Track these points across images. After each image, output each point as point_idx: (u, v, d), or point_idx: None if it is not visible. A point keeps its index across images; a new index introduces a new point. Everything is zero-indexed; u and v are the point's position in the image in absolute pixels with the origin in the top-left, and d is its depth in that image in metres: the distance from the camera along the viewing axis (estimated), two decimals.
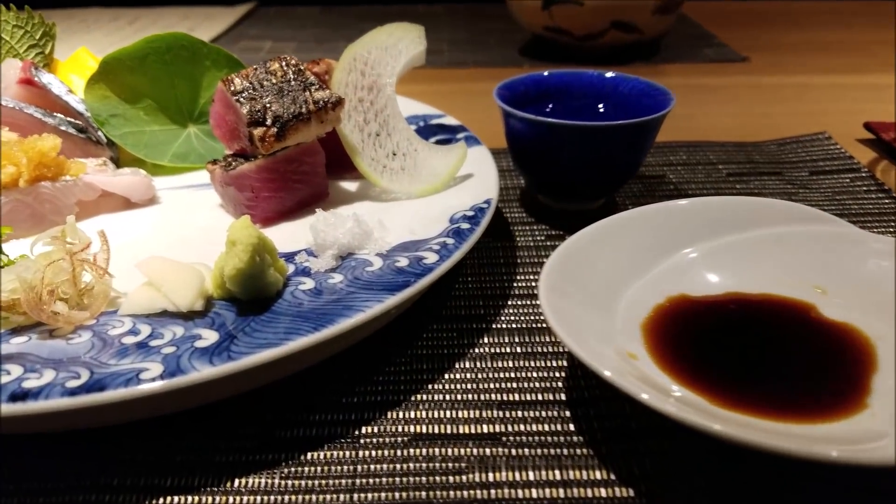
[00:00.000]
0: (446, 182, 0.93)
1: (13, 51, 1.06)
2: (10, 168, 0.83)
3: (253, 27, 2.35)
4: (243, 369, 0.60)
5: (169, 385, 0.58)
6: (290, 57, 0.91)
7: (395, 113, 0.95)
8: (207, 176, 1.02)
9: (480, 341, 0.79)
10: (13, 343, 0.64)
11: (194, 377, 0.59)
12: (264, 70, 0.89)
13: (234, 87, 0.87)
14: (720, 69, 1.79)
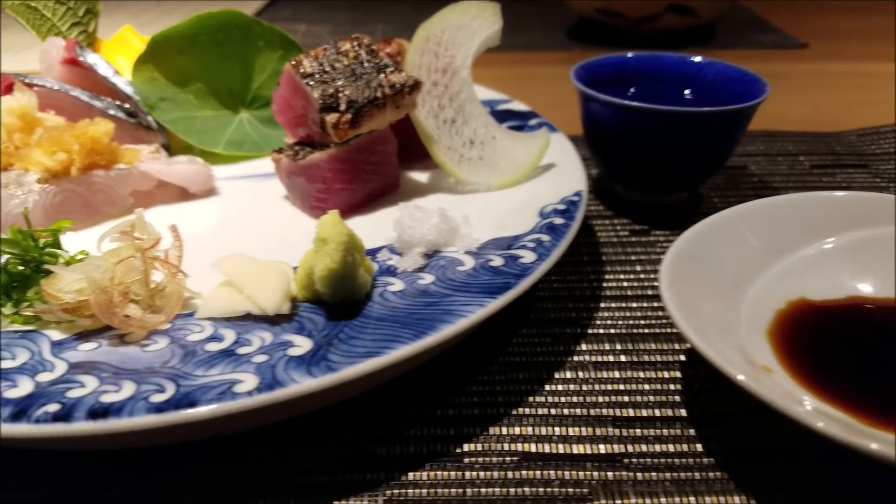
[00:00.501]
0: (528, 172, 0.86)
1: (55, 28, 0.99)
2: (61, 155, 0.77)
3: (285, 9, 2.28)
4: (346, 381, 0.54)
5: (269, 399, 0.51)
6: (362, 36, 0.84)
7: (471, 98, 0.88)
8: (264, 165, 0.96)
9: (578, 348, 0.72)
10: (81, 350, 0.58)
11: (295, 390, 0.52)
12: (335, 51, 0.82)
13: (304, 70, 0.80)
14: (779, 55, 1.71)
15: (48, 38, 0.95)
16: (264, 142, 1.00)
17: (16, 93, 0.81)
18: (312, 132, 0.83)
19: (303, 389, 0.52)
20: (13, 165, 0.79)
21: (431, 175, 0.91)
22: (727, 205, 0.97)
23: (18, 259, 0.61)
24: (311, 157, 0.79)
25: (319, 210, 0.81)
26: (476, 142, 0.86)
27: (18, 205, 0.73)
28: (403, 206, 0.73)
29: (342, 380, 0.54)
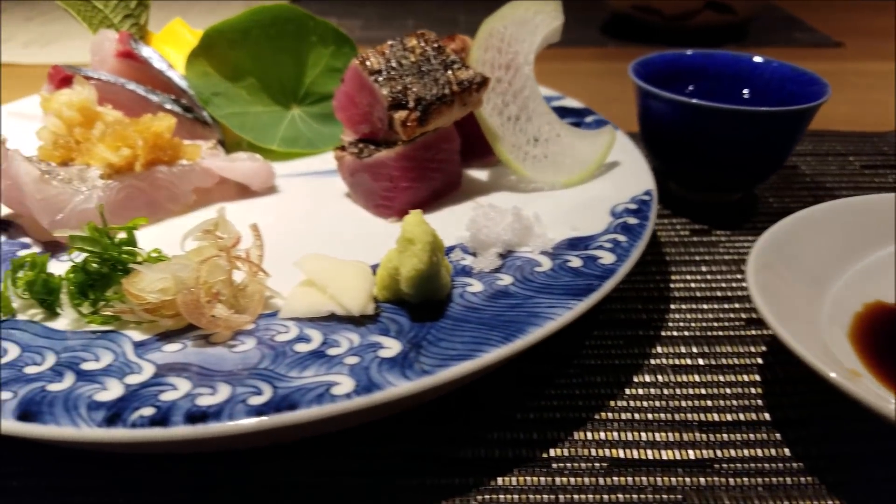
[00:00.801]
0: (594, 171, 0.85)
1: (107, 21, 0.98)
2: (125, 150, 0.76)
3: (314, 5, 2.25)
4: (441, 384, 0.53)
5: (368, 401, 0.51)
6: (428, 33, 0.82)
7: (534, 94, 0.86)
8: (320, 162, 0.95)
9: (653, 351, 0.71)
10: (167, 351, 0.57)
11: (392, 392, 0.51)
12: (401, 47, 0.81)
13: (371, 66, 0.79)
14: (814, 54, 1.69)
15: (100, 31, 0.94)
16: (318, 139, 0.99)
17: (75, 86, 0.80)
18: (376, 129, 0.82)
19: (400, 392, 0.52)
20: (74, 160, 0.77)
21: (491, 173, 0.90)
22: (783, 205, 0.97)
23: (97, 258, 0.60)
24: (378, 156, 0.78)
25: (384, 209, 0.80)
26: (540, 139, 0.85)
27: (83, 201, 0.72)
28: (477, 206, 0.72)
29: (437, 383, 0.53)
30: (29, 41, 1.78)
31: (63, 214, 0.71)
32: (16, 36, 1.82)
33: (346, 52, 1.03)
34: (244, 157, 0.84)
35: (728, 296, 0.80)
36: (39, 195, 0.70)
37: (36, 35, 1.83)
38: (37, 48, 1.74)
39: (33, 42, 1.78)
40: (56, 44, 1.77)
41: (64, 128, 0.77)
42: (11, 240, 0.74)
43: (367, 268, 0.63)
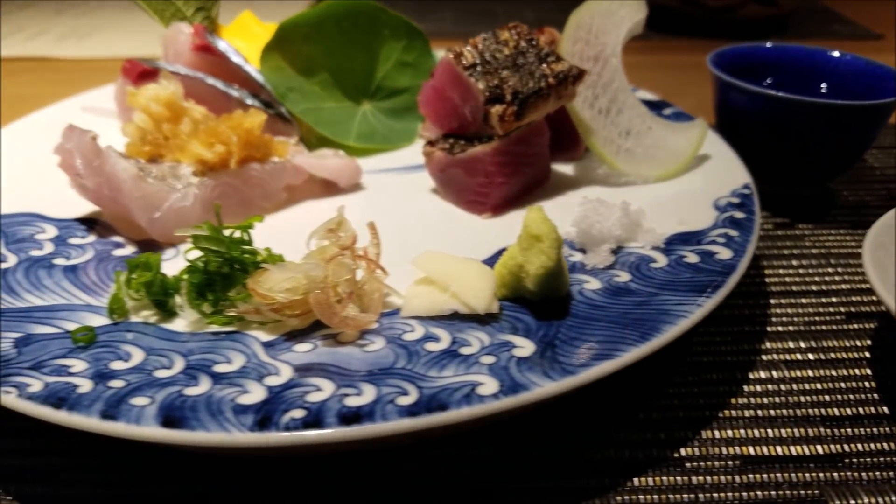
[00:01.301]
0: (687, 164, 0.84)
1: (179, 13, 0.97)
2: (219, 147, 0.74)
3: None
4: (584, 383, 0.52)
5: (515, 402, 0.50)
6: (520, 25, 0.81)
7: (623, 87, 0.85)
8: (399, 158, 0.94)
9: (761, 346, 0.70)
10: (299, 352, 0.56)
11: (539, 393, 0.50)
12: (494, 40, 0.80)
13: (466, 61, 0.78)
14: (856, 47, 1.68)
15: (173, 24, 0.93)
16: (392, 134, 0.98)
17: (161, 80, 0.79)
18: (465, 124, 0.80)
19: (546, 392, 0.51)
20: (163, 156, 0.76)
21: (577, 167, 0.89)
22: (858, 198, 0.96)
23: (219, 258, 0.59)
24: (473, 151, 0.77)
25: (477, 204, 0.79)
26: (632, 132, 0.84)
27: (180, 198, 0.71)
28: (585, 201, 0.71)
29: (581, 382, 0.52)
30: (63, 35, 1.76)
31: (160, 213, 0.70)
32: (49, 30, 1.80)
33: (417, 45, 1.02)
34: (330, 154, 0.83)
35: (824, 290, 0.79)
36: (138, 193, 0.68)
37: (69, 28, 1.81)
38: (73, 41, 1.72)
39: (68, 35, 1.76)
40: (93, 37, 1.75)
41: (152, 123, 0.76)
42: (102, 239, 0.73)
43: (486, 266, 0.62)
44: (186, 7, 0.96)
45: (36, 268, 0.67)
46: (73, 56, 1.62)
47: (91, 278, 0.66)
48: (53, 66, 1.59)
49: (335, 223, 0.60)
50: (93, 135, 0.72)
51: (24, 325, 0.58)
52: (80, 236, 0.73)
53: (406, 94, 1.02)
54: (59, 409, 0.49)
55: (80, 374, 0.52)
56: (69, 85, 1.42)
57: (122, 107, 0.88)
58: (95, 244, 0.72)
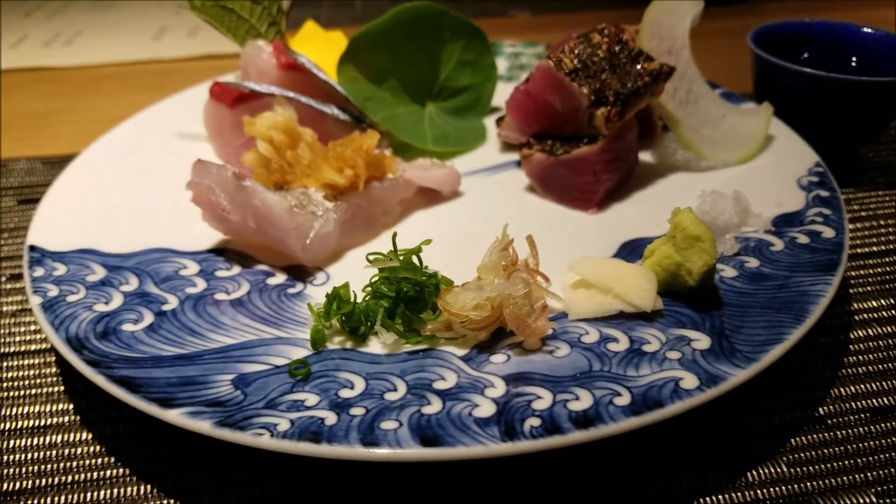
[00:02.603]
0: (761, 145, 0.91)
1: (253, 30, 0.98)
2: (349, 171, 0.78)
3: None
4: (767, 366, 0.59)
5: (718, 391, 0.57)
6: (608, 27, 0.86)
7: (695, 76, 0.92)
8: (476, 160, 0.97)
9: (852, 307, 0.78)
10: (497, 363, 0.62)
11: (735, 381, 0.58)
12: (588, 44, 0.84)
13: (566, 67, 0.83)
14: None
15: (250, 42, 0.94)
16: (463, 135, 1.02)
17: (276, 108, 0.81)
18: (559, 125, 0.86)
19: (740, 380, 0.58)
20: (289, 183, 0.79)
21: (655, 154, 0.95)
22: (884, 160, 1.05)
23: (413, 284, 0.63)
24: (579, 152, 0.82)
25: (582, 202, 0.85)
26: (710, 120, 0.90)
27: (324, 224, 0.75)
28: (703, 193, 0.78)
29: (764, 366, 0.59)
30: (47, 41, 1.70)
31: (310, 240, 0.74)
32: (29, 35, 1.73)
33: (476, 44, 1.06)
34: (429, 164, 0.87)
35: (885, 249, 0.87)
36: (293, 224, 0.72)
37: (51, 34, 1.75)
38: (59, 47, 1.66)
39: (52, 41, 1.70)
40: (78, 41, 1.69)
41: (274, 151, 0.79)
42: (247, 269, 0.76)
43: (642, 267, 0.68)
44: (260, 24, 0.97)
45: (203, 305, 0.70)
46: (67, 64, 1.57)
47: (264, 311, 0.69)
48: (49, 76, 1.54)
49: (506, 243, 0.65)
50: (233, 170, 0.74)
51: (231, 364, 0.62)
52: (225, 268, 0.76)
53: (466, 92, 1.06)
54: (319, 444, 0.53)
55: (317, 406, 0.57)
56: (74, 98, 1.40)
57: (214, 130, 0.89)
58: (245, 275, 0.75)
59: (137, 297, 0.71)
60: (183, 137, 0.98)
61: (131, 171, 0.92)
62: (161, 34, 1.72)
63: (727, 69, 1.34)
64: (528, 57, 1.24)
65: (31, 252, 0.76)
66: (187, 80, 1.46)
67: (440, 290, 0.66)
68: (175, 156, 0.94)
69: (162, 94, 1.38)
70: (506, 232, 0.67)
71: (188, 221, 0.79)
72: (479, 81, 1.07)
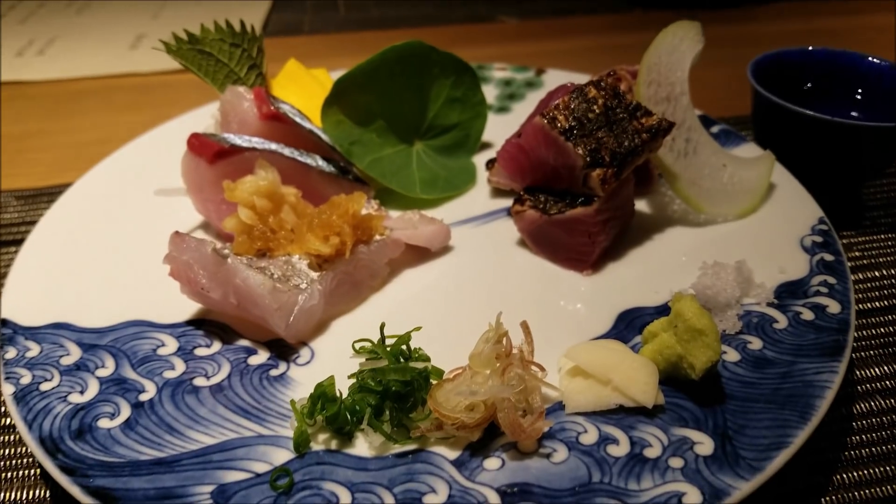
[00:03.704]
0: (762, 197, 0.88)
1: (233, 75, 0.93)
2: (334, 238, 0.74)
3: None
4: (769, 477, 0.57)
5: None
6: (605, 79, 0.82)
7: (695, 125, 0.88)
8: (467, 207, 0.94)
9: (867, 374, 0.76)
10: (491, 469, 0.59)
11: (739, 495, 0.55)
12: (583, 99, 0.80)
13: (561, 125, 0.79)
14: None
15: (230, 87, 0.89)
16: (453, 177, 0.98)
17: (258, 170, 0.77)
18: (548, 179, 0.82)
19: (744, 493, 0.55)
20: (272, 250, 0.76)
21: (651, 203, 0.92)
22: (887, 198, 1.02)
23: (401, 383, 0.60)
24: (574, 213, 0.79)
25: (577, 262, 0.82)
26: (709, 171, 0.87)
27: (308, 298, 0.71)
28: (704, 266, 0.75)
29: (767, 476, 0.57)
30: (20, 49, 1.63)
31: (293, 317, 0.70)
32: (3, 42, 1.67)
33: (465, 80, 1.01)
34: (417, 219, 0.84)
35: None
36: (276, 305, 0.68)
37: (23, 41, 1.68)
38: (33, 56, 1.59)
39: (25, 49, 1.63)
40: (51, 52, 1.62)
41: (257, 218, 0.75)
42: (228, 345, 0.73)
43: (642, 357, 0.65)
44: (240, 67, 0.92)
45: (181, 394, 0.67)
46: (42, 78, 1.50)
47: (245, 399, 0.66)
48: (23, 92, 1.47)
49: (500, 335, 0.62)
50: (213, 246, 0.70)
51: (210, 472, 0.59)
52: (204, 345, 0.73)
53: (456, 130, 1.03)
54: None
55: None
56: (50, 118, 1.35)
57: (193, 186, 0.85)
58: (225, 353, 0.72)
59: (114, 384, 0.67)
60: (164, 182, 0.93)
61: (108, 226, 0.88)
62: (138, 42, 1.66)
63: (723, 87, 1.31)
64: (519, 85, 1.20)
65: (3, 328, 0.72)
66: (166, 96, 1.42)
67: (430, 381, 0.63)
68: (156, 207, 0.90)
69: (141, 114, 1.34)
70: (499, 321, 0.64)
71: (167, 288, 0.75)
72: (469, 118, 1.03)
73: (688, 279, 0.77)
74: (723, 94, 1.32)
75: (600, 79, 0.82)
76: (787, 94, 0.95)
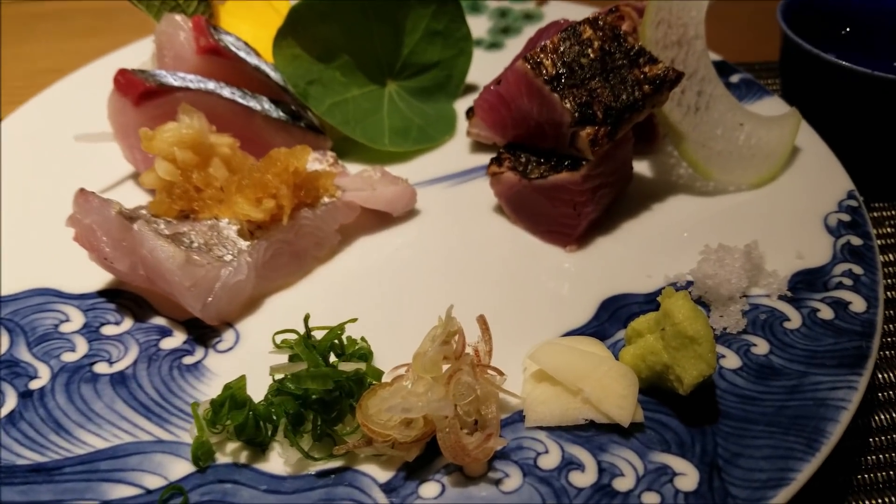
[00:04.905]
0: (783, 164, 0.75)
1: (169, 2, 0.80)
2: (269, 202, 0.63)
3: None
4: None
5: None
6: (602, 17, 0.68)
7: (710, 76, 0.74)
8: (442, 161, 0.82)
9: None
10: (428, 498, 0.49)
11: None
12: (576, 41, 0.67)
13: (546, 72, 0.65)
14: None
15: (165, 17, 0.76)
16: (429, 125, 0.85)
17: (181, 116, 0.65)
18: (537, 136, 0.69)
19: None
20: (197, 213, 0.64)
21: (654, 165, 0.79)
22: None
23: (321, 389, 0.50)
24: (557, 178, 0.67)
25: (559, 236, 0.70)
26: (723, 131, 0.73)
27: (233, 273, 0.60)
28: (706, 251, 0.63)
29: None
30: None
31: (213, 296, 0.59)
32: None
33: (448, 10, 0.88)
34: (378, 178, 0.72)
35: None
36: (189, 282, 0.57)
37: None
38: None
39: None
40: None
41: (179, 173, 0.64)
42: (141, 322, 0.62)
43: (620, 364, 0.54)
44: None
45: (77, 382, 0.57)
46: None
47: (148, 393, 0.56)
48: None
49: (447, 334, 0.51)
50: (118, 208, 0.59)
51: (94, 485, 0.50)
52: (114, 321, 0.63)
53: (436, 69, 0.89)
54: None
55: None
56: (7, 44, 1.22)
57: (119, 130, 0.73)
58: (135, 333, 0.61)
59: (3, 366, 0.58)
60: (97, 125, 0.81)
61: (25, 176, 0.78)
62: None
63: (747, 25, 1.15)
64: (516, 17, 1.05)
65: None
66: (128, 22, 1.28)
67: (364, 386, 0.52)
68: (85, 155, 0.79)
69: (100, 39, 1.21)
70: (450, 315, 0.52)
71: (81, 252, 0.64)
72: (451, 56, 0.89)
73: (687, 263, 0.65)
74: (746, 34, 1.17)
75: (598, 16, 0.68)
76: (822, 41, 0.81)
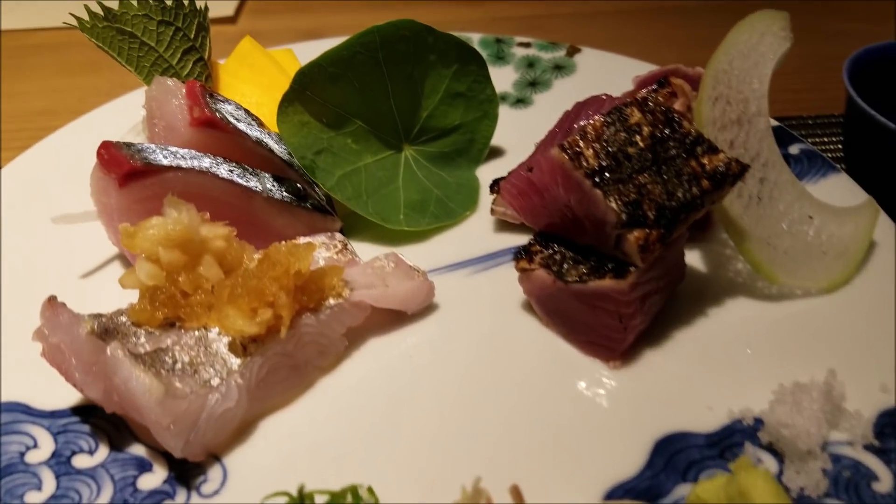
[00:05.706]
0: (859, 265, 0.65)
1: (162, 62, 0.71)
2: (266, 313, 0.54)
3: None
4: None
5: None
6: (651, 97, 0.59)
7: (774, 159, 0.65)
8: (463, 239, 0.73)
9: None
10: None
11: None
12: (622, 125, 0.58)
13: (588, 164, 0.56)
14: None
15: (157, 80, 0.68)
16: (450, 198, 0.77)
17: (168, 209, 0.57)
18: (575, 230, 0.60)
19: None
20: (184, 321, 0.56)
21: (707, 258, 0.70)
22: None
23: None
24: (600, 285, 0.58)
25: (602, 349, 0.61)
26: (789, 225, 0.64)
27: (220, 401, 0.52)
28: (781, 389, 0.53)
29: None
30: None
31: (196, 431, 0.51)
32: None
33: (471, 70, 0.79)
34: (391, 270, 0.63)
35: None
36: (167, 419, 0.49)
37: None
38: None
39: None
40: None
41: (164, 276, 0.55)
42: (116, 452, 0.54)
43: None
44: (170, 53, 0.70)
45: None
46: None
47: None
48: None
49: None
50: (90, 326, 0.51)
51: None
52: (87, 449, 0.54)
53: (457, 133, 0.81)
54: None
55: None
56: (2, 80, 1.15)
57: (102, 210, 0.65)
58: (110, 466, 0.53)
59: None
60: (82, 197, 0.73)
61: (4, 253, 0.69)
62: None
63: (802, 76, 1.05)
64: (545, 68, 0.96)
65: None
66: None
67: None
68: (73, 229, 0.71)
69: (96, 77, 1.13)
70: (477, 487, 0.43)
71: None
72: (475, 118, 0.81)
73: (752, 389, 0.56)
74: (794, 79, 1.06)
75: (648, 96, 0.59)
76: None
